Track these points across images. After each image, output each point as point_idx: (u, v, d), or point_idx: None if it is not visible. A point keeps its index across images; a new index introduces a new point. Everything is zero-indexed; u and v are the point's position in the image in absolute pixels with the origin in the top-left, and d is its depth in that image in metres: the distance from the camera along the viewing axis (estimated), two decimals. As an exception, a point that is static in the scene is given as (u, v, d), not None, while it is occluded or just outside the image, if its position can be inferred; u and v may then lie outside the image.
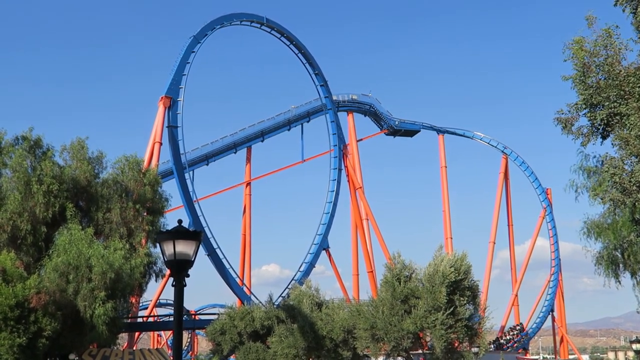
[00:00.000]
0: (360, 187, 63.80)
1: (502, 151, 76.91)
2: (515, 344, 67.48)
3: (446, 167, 72.76)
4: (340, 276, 61.52)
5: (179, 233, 10.57)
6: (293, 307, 37.12)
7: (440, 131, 74.27)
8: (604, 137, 19.04)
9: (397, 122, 72.23)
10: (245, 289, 53.32)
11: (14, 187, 34.30)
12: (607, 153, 19.72)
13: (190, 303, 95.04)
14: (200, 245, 12.26)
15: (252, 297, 50.41)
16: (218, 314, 44.30)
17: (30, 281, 30.16)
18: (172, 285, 10.69)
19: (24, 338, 28.63)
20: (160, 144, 49.13)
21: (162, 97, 49.47)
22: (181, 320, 10.78)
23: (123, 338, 45.80)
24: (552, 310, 77.03)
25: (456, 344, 29.60)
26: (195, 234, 10.83)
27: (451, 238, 69.56)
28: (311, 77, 62.41)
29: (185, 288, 10.71)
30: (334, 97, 64.34)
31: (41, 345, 29.42)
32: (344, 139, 64.73)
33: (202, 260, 50.20)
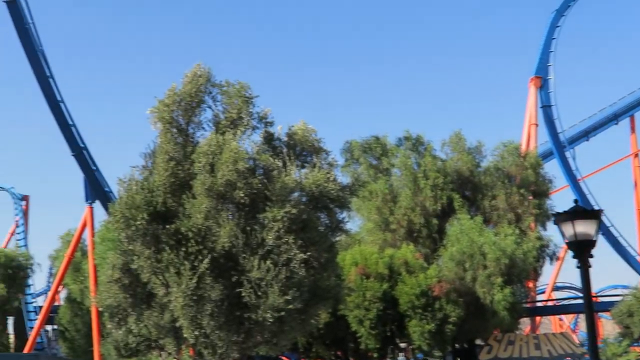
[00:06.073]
0: None
1: None
2: None
3: None
4: None
5: (578, 213, 10.24)
6: None
7: None
8: None
9: None
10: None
11: (403, 185, 36.95)
12: None
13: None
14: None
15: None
16: (622, 295, 41.79)
17: (431, 271, 32.09)
18: (577, 267, 10.38)
19: (432, 325, 30.54)
20: (536, 125, 48.23)
21: (532, 78, 48.52)
22: (591, 302, 10.44)
23: (524, 323, 45.88)
24: None
25: None
26: (595, 213, 10.40)
27: None
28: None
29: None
30: None
31: (448, 331, 31.09)
32: None
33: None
